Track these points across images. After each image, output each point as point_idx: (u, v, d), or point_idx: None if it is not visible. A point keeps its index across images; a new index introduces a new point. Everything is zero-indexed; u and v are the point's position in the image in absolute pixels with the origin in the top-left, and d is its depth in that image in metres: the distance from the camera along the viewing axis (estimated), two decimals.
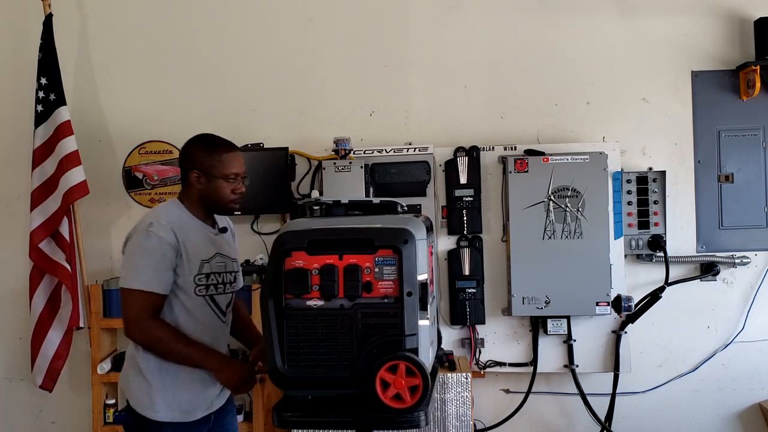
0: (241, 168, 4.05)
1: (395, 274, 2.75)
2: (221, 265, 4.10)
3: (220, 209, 4.11)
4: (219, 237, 4.17)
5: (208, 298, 4.03)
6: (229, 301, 4.21)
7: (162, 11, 6.35)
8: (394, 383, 2.71)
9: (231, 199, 4.04)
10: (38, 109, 5.95)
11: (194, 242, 3.95)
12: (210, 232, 4.11)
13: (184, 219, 3.99)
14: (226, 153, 4.00)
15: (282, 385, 2.86)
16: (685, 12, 6.07)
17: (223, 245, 4.18)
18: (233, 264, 4.24)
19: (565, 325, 5.88)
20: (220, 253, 4.10)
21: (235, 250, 4.35)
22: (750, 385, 6.10)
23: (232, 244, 4.35)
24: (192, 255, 3.92)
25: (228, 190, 4.00)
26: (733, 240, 6.04)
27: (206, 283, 4.00)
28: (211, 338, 4.05)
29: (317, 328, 2.80)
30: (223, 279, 4.10)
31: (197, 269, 3.95)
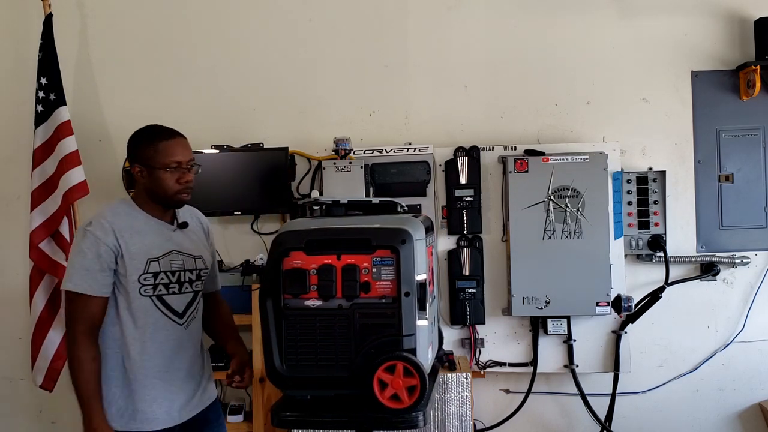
0: (185, 156, 3.89)
1: (393, 275, 2.75)
2: (177, 263, 3.91)
3: (168, 202, 3.90)
4: (178, 233, 3.98)
5: (155, 298, 3.82)
6: (189, 302, 3.97)
7: (162, 11, 6.36)
8: (391, 383, 2.70)
9: (176, 190, 3.85)
10: (38, 109, 5.94)
11: (141, 240, 3.79)
12: (166, 228, 3.94)
13: (132, 216, 3.84)
14: (163, 142, 3.84)
15: (280, 384, 2.86)
16: (685, 12, 6.06)
17: (183, 242, 3.99)
18: (197, 261, 4.02)
19: (565, 325, 5.88)
20: (177, 250, 3.92)
21: (202, 247, 4.11)
22: (750, 385, 6.10)
23: (200, 241, 4.13)
24: (136, 254, 3.75)
25: (171, 180, 3.82)
26: (733, 240, 6.04)
27: (153, 283, 3.80)
28: (161, 343, 3.84)
29: (315, 328, 2.80)
30: (179, 278, 3.90)
31: (143, 268, 3.76)
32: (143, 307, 3.78)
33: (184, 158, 3.88)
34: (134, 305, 3.77)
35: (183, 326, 3.92)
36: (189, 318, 3.96)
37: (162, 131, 3.93)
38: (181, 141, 3.92)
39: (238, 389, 4.12)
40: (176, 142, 3.89)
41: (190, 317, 3.96)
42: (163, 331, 3.84)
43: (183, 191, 3.89)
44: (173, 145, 3.87)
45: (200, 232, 4.19)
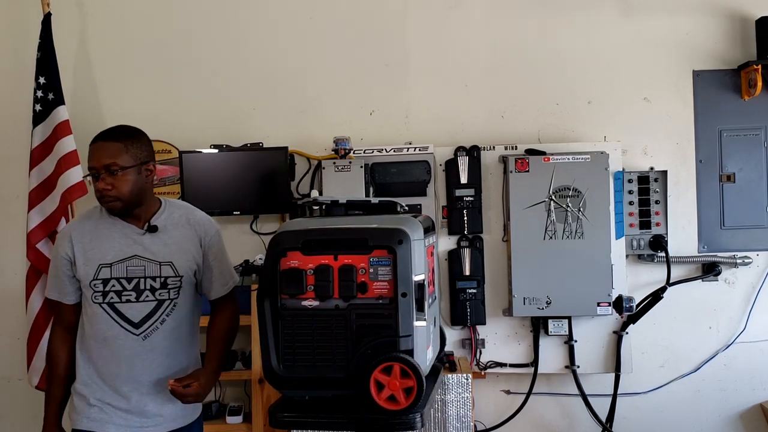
0: (94, 161, 3.63)
1: (390, 275, 2.73)
2: (137, 269, 3.72)
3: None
4: (147, 237, 3.77)
5: (106, 306, 3.68)
6: (150, 311, 3.75)
7: (161, 10, 6.35)
8: (388, 385, 2.68)
9: (99, 198, 3.69)
10: (36, 109, 5.93)
11: (99, 245, 3.68)
12: (134, 232, 3.75)
13: (98, 221, 3.76)
14: (89, 146, 3.69)
15: (277, 385, 2.85)
16: (687, 11, 6.05)
17: (151, 246, 3.77)
18: (162, 268, 3.78)
19: (566, 325, 5.87)
20: (140, 255, 3.73)
21: (173, 252, 3.83)
22: (752, 385, 6.09)
23: (177, 245, 3.85)
24: (91, 259, 3.67)
25: (93, 188, 3.68)
26: (734, 240, 6.02)
27: (103, 290, 3.67)
28: (110, 353, 3.72)
29: (312, 329, 2.78)
30: (137, 285, 3.71)
31: (93, 274, 3.67)
32: (95, 314, 3.71)
33: (94, 164, 3.63)
34: (89, 311, 3.74)
35: (140, 337, 3.73)
36: (149, 329, 3.75)
37: (97, 135, 3.73)
38: (97, 145, 3.68)
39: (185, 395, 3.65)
40: (93, 147, 3.68)
41: (150, 328, 3.75)
42: (115, 340, 3.71)
43: (101, 199, 3.70)
44: (90, 150, 3.68)
45: (185, 234, 3.90)
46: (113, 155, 3.62)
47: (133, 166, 3.67)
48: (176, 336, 3.87)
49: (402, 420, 2.72)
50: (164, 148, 6.24)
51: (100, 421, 3.73)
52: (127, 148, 3.67)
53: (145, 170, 3.75)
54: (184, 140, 6.19)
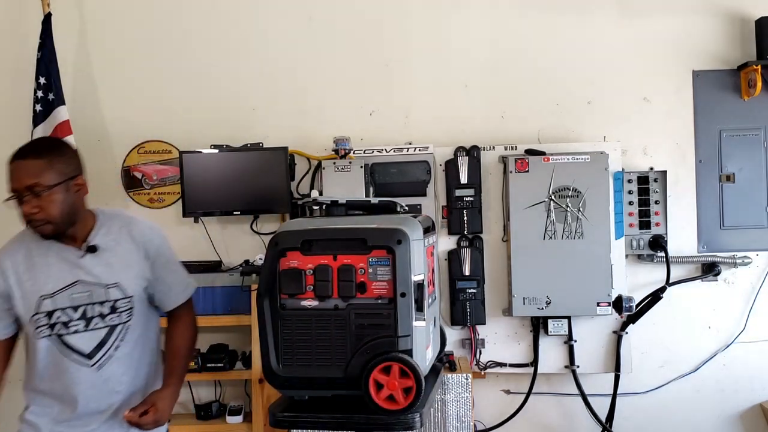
0: (17, 182, 3.28)
1: (389, 275, 2.73)
2: (81, 296, 3.39)
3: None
4: (88, 259, 3.44)
5: (54, 339, 3.38)
6: (102, 339, 3.45)
7: (161, 10, 6.35)
8: (387, 384, 2.68)
9: (27, 222, 3.34)
10: (37, 109, 5.93)
11: (35, 275, 3.37)
12: (72, 254, 3.42)
13: (30, 248, 3.42)
14: (8, 166, 3.32)
15: (277, 384, 2.85)
16: (686, 11, 6.06)
17: (94, 268, 3.44)
18: (109, 291, 3.46)
19: (565, 325, 5.87)
20: (83, 281, 3.40)
21: (117, 272, 3.50)
22: (751, 385, 6.10)
23: (115, 265, 3.50)
24: (29, 291, 3.36)
25: (20, 211, 3.31)
26: (734, 240, 6.03)
27: (48, 323, 3.35)
28: (63, 387, 3.45)
29: (311, 329, 2.78)
30: (84, 313, 3.40)
31: (33, 308, 3.35)
32: (41, 349, 3.41)
33: (16, 186, 3.29)
34: (33, 347, 3.45)
35: (93, 368, 3.43)
36: (103, 358, 3.45)
37: (14, 153, 3.36)
38: (16, 164, 3.32)
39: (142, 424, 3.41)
40: (12, 167, 3.31)
41: (104, 357, 3.45)
42: (65, 375, 3.42)
43: (29, 224, 3.35)
44: (9, 171, 3.31)
45: (128, 249, 3.57)
46: (36, 174, 3.27)
47: (59, 183, 3.33)
48: (132, 359, 3.59)
49: (401, 420, 2.72)
50: (164, 149, 6.25)
51: None
52: (50, 164, 3.33)
53: (74, 186, 3.45)
54: (184, 140, 6.21)
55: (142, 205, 6.28)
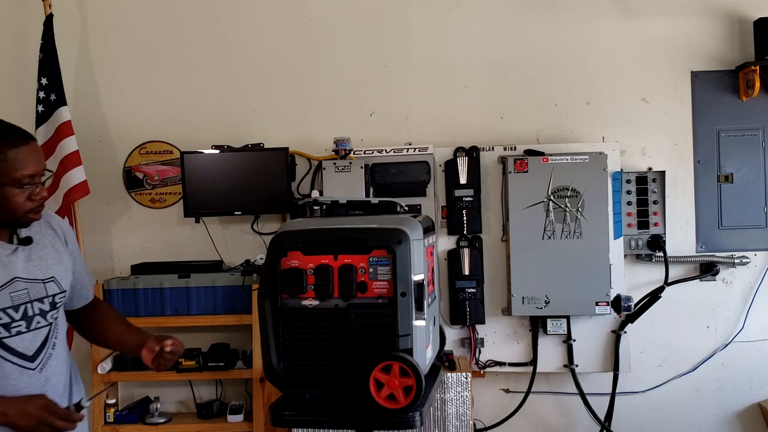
0: (38, 166, 3.10)
1: (389, 275, 2.76)
2: (20, 294, 3.14)
3: (14, 222, 3.16)
4: (20, 253, 3.20)
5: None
6: (43, 339, 3.24)
7: (162, 11, 6.36)
8: (387, 383, 2.71)
9: (28, 209, 3.10)
10: (39, 110, 5.95)
11: None
12: (3, 250, 3.15)
13: None
14: (13, 149, 3.02)
15: (277, 383, 2.88)
16: (685, 12, 6.07)
17: (27, 264, 3.21)
18: (47, 286, 3.26)
19: (564, 324, 5.88)
20: (20, 277, 3.15)
21: (53, 264, 3.33)
22: (749, 384, 6.11)
23: (47, 257, 3.32)
24: None
25: (22, 198, 3.06)
26: (732, 240, 6.04)
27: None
28: (7, 395, 3.05)
29: (312, 328, 2.81)
30: (25, 313, 3.15)
31: None
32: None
33: (36, 170, 3.11)
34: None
35: (36, 370, 3.20)
36: (43, 359, 3.24)
37: (8, 134, 3.10)
38: (33, 147, 3.13)
39: (171, 358, 3.28)
40: (30, 150, 3.09)
41: (45, 357, 3.24)
42: (7, 380, 3.11)
43: (36, 209, 3.15)
44: (27, 154, 3.07)
45: (53, 241, 3.40)
46: (43, 158, 3.22)
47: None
48: (63, 357, 3.40)
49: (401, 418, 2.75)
50: (166, 149, 6.27)
51: None
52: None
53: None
54: (185, 141, 6.22)
55: (143, 206, 6.29)
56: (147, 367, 3.35)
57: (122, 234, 6.31)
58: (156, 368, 3.29)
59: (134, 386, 6.23)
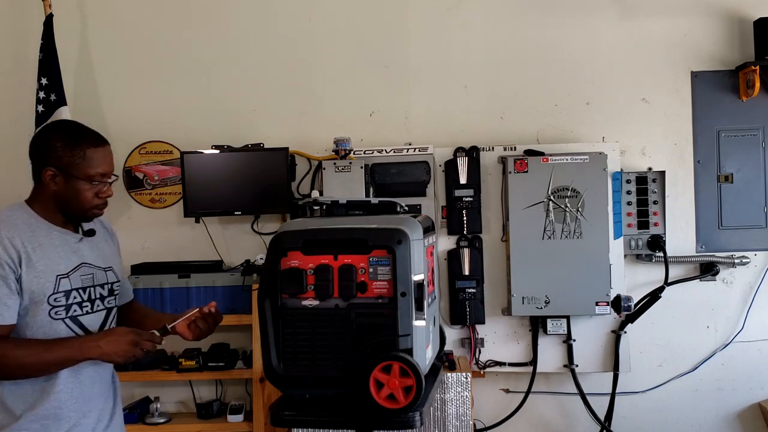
0: (109, 167, 3.40)
1: (389, 275, 2.76)
2: (87, 278, 3.41)
3: (78, 216, 3.41)
4: (85, 243, 3.47)
5: (69, 320, 3.31)
6: (103, 321, 3.50)
7: (162, 11, 6.37)
8: (387, 383, 2.71)
9: (94, 205, 3.36)
10: (39, 110, 5.95)
11: (45, 254, 3.26)
12: (71, 238, 3.41)
13: (32, 226, 3.31)
14: (92, 149, 3.33)
15: (277, 383, 2.88)
16: (685, 12, 6.07)
17: (88, 253, 3.47)
18: (108, 274, 3.54)
19: (564, 324, 5.89)
20: (85, 263, 3.42)
21: (109, 257, 3.63)
22: (749, 384, 6.10)
23: (105, 250, 3.62)
24: (42, 270, 3.23)
25: (91, 193, 3.33)
26: (732, 240, 6.04)
27: (66, 303, 3.29)
28: (77, 371, 3.31)
29: (312, 328, 2.80)
30: (90, 295, 3.42)
31: (52, 287, 3.25)
32: (56, 332, 3.28)
33: (108, 170, 3.40)
34: (45, 331, 3.26)
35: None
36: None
37: (90, 135, 3.43)
38: (108, 149, 3.44)
39: (212, 321, 3.57)
40: (105, 151, 3.41)
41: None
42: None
43: (99, 206, 3.42)
44: (102, 155, 3.38)
45: (106, 237, 3.72)
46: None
47: None
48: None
49: (401, 419, 2.75)
50: (166, 149, 6.27)
51: None
52: None
53: None
54: (185, 141, 6.23)
55: (143, 206, 6.30)
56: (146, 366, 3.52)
57: (122, 234, 6.16)
58: (195, 336, 3.55)
59: (134, 386, 6.22)
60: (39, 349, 3.18)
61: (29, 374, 3.19)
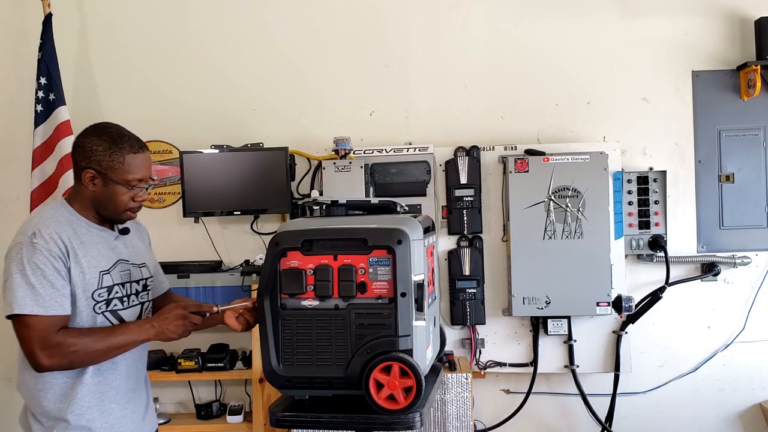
0: (147, 172, 3.49)
1: (389, 275, 2.75)
2: (125, 274, 3.55)
3: (112, 217, 3.51)
4: (120, 241, 3.60)
5: (110, 314, 3.43)
6: (139, 314, 3.62)
7: (162, 11, 6.36)
8: (387, 384, 2.70)
9: (129, 208, 3.48)
10: (38, 109, 5.95)
11: (87, 250, 3.38)
12: (109, 236, 3.54)
13: (74, 224, 3.40)
14: (130, 154, 3.41)
15: (277, 384, 2.87)
16: (686, 12, 6.06)
17: (124, 251, 3.60)
18: (140, 270, 3.67)
19: (565, 325, 5.88)
20: (122, 260, 3.55)
21: (143, 253, 3.77)
22: (751, 385, 6.10)
23: (138, 247, 3.76)
24: (86, 266, 3.34)
25: (127, 197, 3.43)
26: (733, 240, 6.03)
27: (107, 298, 3.42)
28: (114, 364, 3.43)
29: (312, 328, 2.80)
30: (127, 290, 3.54)
31: (96, 283, 3.37)
32: (97, 325, 3.39)
33: (145, 175, 3.50)
34: (89, 324, 3.37)
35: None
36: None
37: (131, 140, 3.48)
38: (147, 155, 3.53)
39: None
40: (144, 157, 3.49)
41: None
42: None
43: (133, 209, 3.53)
44: (141, 161, 3.47)
45: (140, 236, 3.87)
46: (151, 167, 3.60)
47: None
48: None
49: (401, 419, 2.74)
50: (165, 149, 6.26)
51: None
52: None
53: None
54: (184, 140, 6.22)
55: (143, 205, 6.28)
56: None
57: None
58: (243, 328, 3.45)
59: None
60: (102, 335, 3.31)
61: (94, 360, 3.32)
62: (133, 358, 3.57)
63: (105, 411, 3.43)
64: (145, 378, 3.77)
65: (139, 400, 3.66)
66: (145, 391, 3.74)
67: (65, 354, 3.22)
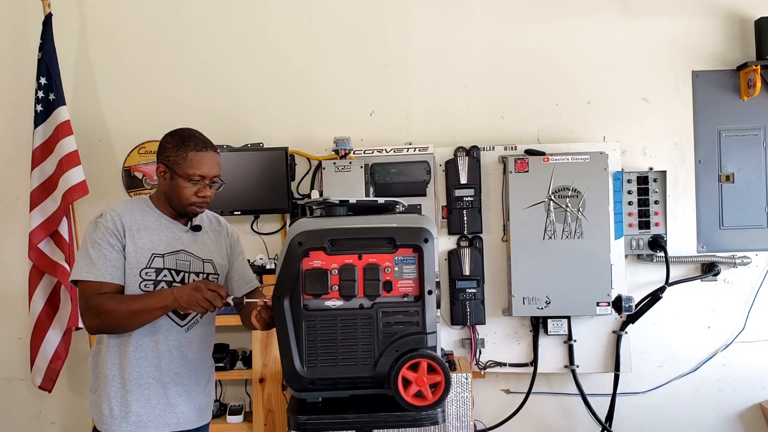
0: (211, 170, 3.77)
1: (415, 273, 2.76)
2: (184, 263, 3.79)
3: (178, 209, 3.81)
4: (190, 235, 3.87)
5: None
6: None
7: (162, 11, 6.34)
8: (415, 381, 2.71)
9: (192, 202, 3.75)
10: (37, 109, 5.93)
11: (149, 236, 3.72)
12: (178, 228, 3.84)
13: (145, 213, 3.78)
14: (194, 152, 3.74)
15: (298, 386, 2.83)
16: (686, 12, 6.09)
17: (193, 244, 3.86)
18: (205, 265, 3.88)
19: (565, 325, 5.89)
20: (186, 250, 3.81)
21: (212, 251, 3.95)
22: (750, 385, 6.12)
23: (209, 244, 3.96)
24: (141, 248, 3.67)
25: (190, 191, 3.73)
26: (733, 240, 6.06)
27: (155, 279, 3.68)
28: (158, 342, 3.72)
29: (336, 329, 2.79)
30: (183, 279, 3.76)
31: (145, 262, 3.67)
32: None
33: (208, 173, 3.76)
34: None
35: (184, 329, 3.79)
36: (191, 321, 3.82)
37: (197, 140, 3.83)
38: (211, 155, 3.81)
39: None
40: (207, 156, 3.79)
41: (192, 321, 3.83)
42: (162, 330, 3.72)
43: (197, 204, 3.78)
44: (202, 158, 3.76)
45: (221, 238, 4.05)
46: (219, 167, 3.85)
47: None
48: (208, 332, 4.00)
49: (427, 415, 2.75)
50: None
51: (160, 422, 3.75)
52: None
53: None
54: None
55: None
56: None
57: None
58: (263, 326, 3.53)
59: None
60: (128, 299, 3.59)
61: (123, 322, 3.59)
62: (195, 344, 3.86)
63: (168, 386, 3.77)
64: (208, 367, 4.03)
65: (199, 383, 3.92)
66: (207, 376, 4.00)
67: (98, 314, 3.57)
